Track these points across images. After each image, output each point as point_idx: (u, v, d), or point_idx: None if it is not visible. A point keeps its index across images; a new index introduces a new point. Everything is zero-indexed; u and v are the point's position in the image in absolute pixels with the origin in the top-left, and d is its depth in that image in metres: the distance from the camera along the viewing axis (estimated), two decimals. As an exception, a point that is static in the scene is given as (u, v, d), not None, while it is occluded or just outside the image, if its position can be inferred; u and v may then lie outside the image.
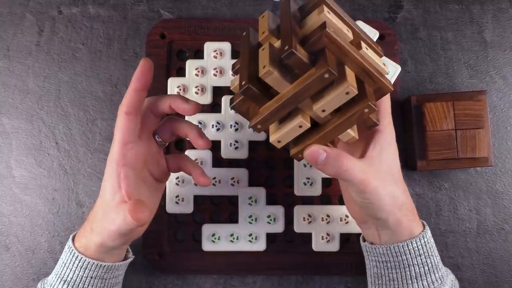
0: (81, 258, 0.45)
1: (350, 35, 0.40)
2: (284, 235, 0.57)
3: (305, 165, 0.56)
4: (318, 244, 0.56)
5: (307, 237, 0.56)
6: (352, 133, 0.41)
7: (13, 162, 0.58)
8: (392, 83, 0.56)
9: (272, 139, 0.41)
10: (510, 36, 0.59)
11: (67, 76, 0.59)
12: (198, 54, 0.58)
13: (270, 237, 0.57)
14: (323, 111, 0.39)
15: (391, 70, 0.56)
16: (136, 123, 0.44)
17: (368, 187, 0.42)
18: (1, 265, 0.58)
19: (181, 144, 0.58)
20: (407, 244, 0.44)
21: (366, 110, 0.38)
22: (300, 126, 0.39)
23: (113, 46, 0.59)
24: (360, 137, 0.43)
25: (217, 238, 0.56)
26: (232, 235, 0.56)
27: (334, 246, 0.56)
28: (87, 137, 0.58)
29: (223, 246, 0.56)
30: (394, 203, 0.43)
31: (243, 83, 0.38)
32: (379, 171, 0.42)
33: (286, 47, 0.36)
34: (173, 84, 0.57)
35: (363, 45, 0.40)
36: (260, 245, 0.56)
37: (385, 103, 0.44)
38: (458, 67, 0.59)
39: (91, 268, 0.45)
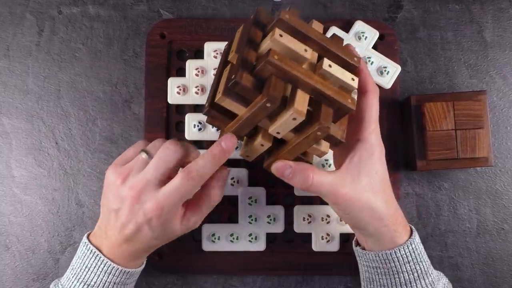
0: (108, 263, 0.45)
1: (308, 55, 0.40)
2: (284, 235, 0.57)
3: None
4: (318, 244, 0.56)
5: (307, 237, 0.56)
6: (321, 148, 0.42)
7: (13, 162, 0.58)
8: (392, 83, 0.57)
9: (241, 153, 0.43)
10: (510, 36, 0.59)
11: (67, 76, 0.59)
12: (198, 54, 0.58)
13: (270, 237, 0.57)
14: (278, 133, 0.40)
15: (391, 70, 0.56)
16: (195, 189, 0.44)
17: (341, 199, 0.42)
18: (1, 265, 0.58)
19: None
20: (394, 252, 0.44)
21: (318, 133, 0.38)
22: (262, 145, 0.41)
23: (113, 46, 0.59)
24: (347, 146, 0.43)
25: (217, 238, 0.56)
26: (232, 235, 0.56)
27: (334, 246, 0.56)
28: (87, 137, 0.58)
29: (223, 246, 0.56)
30: (371, 214, 0.43)
31: (206, 105, 0.42)
32: (354, 182, 0.42)
33: (233, 76, 0.38)
34: (173, 84, 0.57)
35: (326, 62, 0.40)
36: (260, 245, 0.56)
37: (370, 111, 0.43)
38: (458, 67, 0.59)
39: (115, 274, 0.45)
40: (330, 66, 0.40)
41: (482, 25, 0.59)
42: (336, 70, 0.40)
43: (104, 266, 0.45)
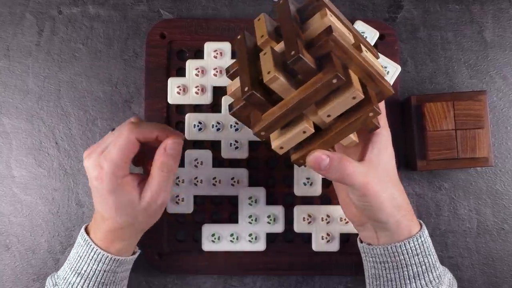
0: (97, 250, 0.46)
1: (351, 38, 0.39)
2: (284, 235, 0.57)
3: (305, 166, 0.56)
4: (318, 244, 0.56)
5: (307, 237, 0.56)
6: (353, 137, 0.41)
7: (13, 162, 0.58)
8: (392, 83, 0.57)
9: (274, 145, 0.40)
10: (510, 36, 0.59)
11: (67, 76, 0.59)
12: (198, 54, 0.58)
13: (270, 237, 0.57)
14: (329, 116, 0.38)
15: (391, 70, 0.56)
16: (136, 150, 0.47)
17: (370, 190, 0.42)
18: (1, 265, 0.58)
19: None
20: (404, 244, 0.44)
21: (371, 114, 0.38)
22: (304, 132, 0.39)
23: (113, 46, 0.59)
24: (363, 139, 0.44)
25: (217, 238, 0.56)
26: (232, 235, 0.56)
27: (334, 246, 0.56)
28: (87, 137, 0.58)
29: (223, 246, 0.56)
30: (393, 204, 0.43)
31: (246, 89, 0.37)
32: (378, 173, 0.43)
33: (293, 52, 0.35)
34: (173, 84, 0.57)
35: (363, 48, 0.40)
36: (260, 245, 0.56)
37: (382, 104, 0.44)
38: (458, 67, 0.59)
39: (105, 262, 0.46)
40: (367, 52, 0.40)
41: (482, 25, 0.59)
42: (371, 56, 0.40)
43: (94, 254, 0.46)
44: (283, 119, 0.38)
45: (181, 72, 0.58)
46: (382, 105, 0.44)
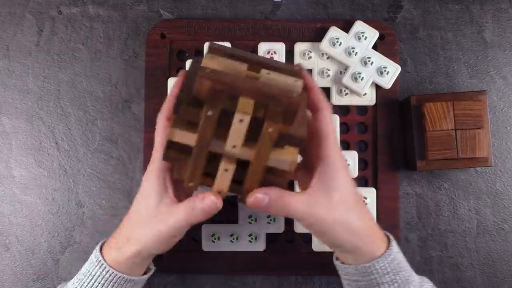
0: (112, 272, 0.44)
1: (244, 67, 0.39)
2: (284, 235, 0.57)
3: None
4: (318, 244, 0.56)
5: (307, 237, 0.56)
6: (288, 158, 0.39)
7: (13, 162, 0.58)
8: (392, 83, 0.57)
9: (213, 192, 0.41)
10: (510, 36, 0.59)
11: (67, 76, 0.59)
12: (198, 54, 0.58)
13: (270, 237, 0.57)
14: (234, 146, 0.38)
15: (391, 70, 0.56)
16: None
17: (315, 218, 0.41)
18: (1, 265, 0.58)
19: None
20: (373, 265, 0.43)
21: (269, 130, 0.37)
22: (226, 170, 0.39)
23: (113, 46, 0.59)
24: (312, 166, 0.43)
25: (217, 238, 0.56)
26: (232, 235, 0.56)
27: (334, 246, 0.56)
28: (87, 137, 0.58)
29: (223, 246, 0.56)
30: (347, 230, 0.42)
31: (163, 152, 0.40)
32: (325, 200, 0.41)
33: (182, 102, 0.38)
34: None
35: (264, 71, 0.40)
36: (260, 245, 0.56)
37: (326, 127, 0.42)
38: (458, 67, 0.59)
39: (120, 283, 0.44)
40: (268, 73, 0.39)
41: (482, 25, 0.59)
42: (278, 76, 0.39)
43: (108, 275, 0.44)
44: (197, 163, 0.39)
45: (181, 72, 0.58)
46: (329, 127, 0.42)
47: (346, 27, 0.57)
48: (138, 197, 0.44)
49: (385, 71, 0.56)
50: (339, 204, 0.42)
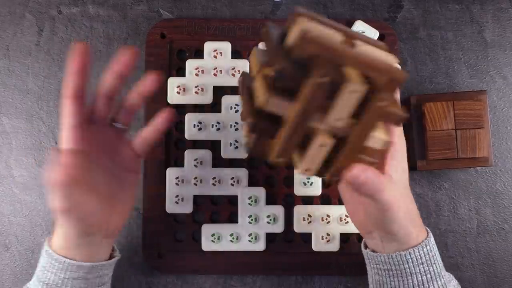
0: (61, 259, 0.43)
1: (339, 36, 0.37)
2: (284, 235, 0.57)
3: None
4: (318, 244, 0.56)
5: (307, 237, 0.56)
6: (383, 136, 0.38)
7: (12, 162, 0.58)
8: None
9: (300, 169, 0.38)
10: (510, 36, 0.59)
11: (67, 76, 0.59)
12: (198, 54, 0.58)
13: (270, 237, 0.57)
14: (338, 120, 0.36)
15: (391, 70, 0.56)
16: (82, 106, 0.42)
17: (392, 205, 0.41)
18: (0, 265, 0.58)
19: (183, 143, 0.58)
20: (409, 253, 0.43)
21: (381, 103, 0.35)
22: (322, 145, 0.37)
23: (113, 46, 0.59)
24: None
25: (216, 238, 0.56)
26: (232, 235, 0.56)
27: (334, 246, 0.56)
28: (87, 137, 0.58)
29: (223, 246, 0.56)
30: (408, 217, 0.43)
31: (248, 120, 0.37)
32: (398, 187, 0.42)
33: (275, 66, 0.34)
34: (173, 84, 0.56)
35: (358, 42, 0.37)
36: (260, 245, 0.56)
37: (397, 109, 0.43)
38: (458, 67, 0.59)
39: (72, 269, 0.43)
40: (364, 45, 0.37)
41: (482, 25, 0.59)
42: (373, 48, 0.37)
43: (58, 263, 0.43)
44: (293, 137, 0.36)
45: (181, 72, 0.58)
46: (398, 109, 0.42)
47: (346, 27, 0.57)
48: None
49: (385, 71, 0.56)
50: (404, 190, 0.43)
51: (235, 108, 0.56)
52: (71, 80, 0.42)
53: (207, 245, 0.56)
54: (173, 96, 0.57)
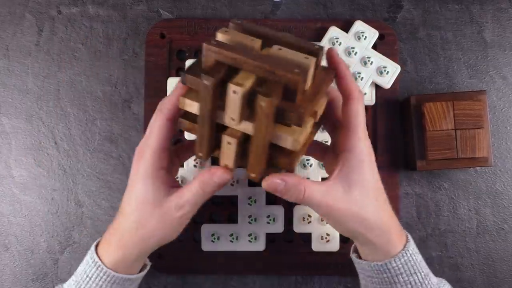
0: (110, 273, 0.43)
1: (256, 42, 0.39)
2: (284, 235, 0.57)
3: (304, 165, 0.56)
4: (318, 244, 0.56)
5: (307, 237, 0.56)
6: (290, 136, 0.38)
7: (12, 162, 0.58)
8: (391, 83, 0.57)
9: (220, 165, 0.41)
10: (510, 36, 0.59)
11: (67, 76, 0.59)
12: (198, 54, 0.58)
13: (270, 237, 0.57)
14: (232, 119, 0.38)
15: (391, 70, 0.56)
16: (172, 131, 0.43)
17: (331, 209, 0.41)
18: (0, 265, 0.57)
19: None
20: (385, 264, 0.43)
21: (261, 104, 0.36)
22: (229, 143, 0.39)
23: (112, 46, 0.59)
24: (337, 156, 0.42)
25: (216, 238, 0.56)
26: (231, 235, 0.56)
27: (333, 246, 0.56)
28: (86, 137, 0.58)
29: (223, 246, 0.56)
30: (362, 225, 0.42)
31: (181, 123, 0.41)
32: (344, 193, 0.41)
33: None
34: (173, 84, 0.56)
35: (276, 47, 0.39)
36: (259, 245, 0.56)
37: (356, 119, 0.41)
38: (458, 67, 0.59)
39: (118, 282, 0.44)
40: (280, 49, 0.38)
41: (482, 25, 0.59)
42: (287, 52, 0.38)
43: (104, 276, 0.44)
44: (203, 133, 0.39)
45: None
46: (359, 118, 0.41)
47: (346, 27, 0.57)
48: (130, 195, 0.43)
49: (385, 71, 0.56)
50: (357, 198, 0.41)
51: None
52: (173, 103, 0.43)
53: (207, 245, 0.56)
54: (173, 96, 0.56)
